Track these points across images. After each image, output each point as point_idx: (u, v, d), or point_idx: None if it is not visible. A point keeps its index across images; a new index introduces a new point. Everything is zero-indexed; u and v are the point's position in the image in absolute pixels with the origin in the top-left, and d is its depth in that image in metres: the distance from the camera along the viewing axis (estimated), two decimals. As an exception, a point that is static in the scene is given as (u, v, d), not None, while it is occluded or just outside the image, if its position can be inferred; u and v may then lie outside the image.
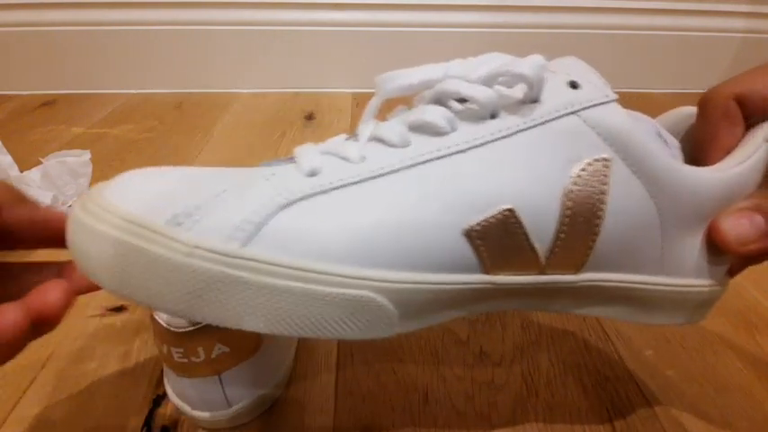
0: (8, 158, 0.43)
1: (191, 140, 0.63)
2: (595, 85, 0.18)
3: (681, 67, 0.89)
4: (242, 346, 0.24)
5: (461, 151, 0.17)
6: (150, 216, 0.13)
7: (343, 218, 0.15)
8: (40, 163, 0.44)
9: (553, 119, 0.17)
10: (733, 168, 0.19)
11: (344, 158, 0.17)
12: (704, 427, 0.27)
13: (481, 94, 0.17)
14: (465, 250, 0.17)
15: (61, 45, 0.77)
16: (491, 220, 0.17)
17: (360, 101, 0.79)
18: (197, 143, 0.62)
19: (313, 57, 0.81)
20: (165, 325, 0.22)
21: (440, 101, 0.18)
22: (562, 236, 0.17)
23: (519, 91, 0.18)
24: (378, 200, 0.16)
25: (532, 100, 0.18)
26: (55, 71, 0.79)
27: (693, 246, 0.20)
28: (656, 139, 0.20)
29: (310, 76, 0.82)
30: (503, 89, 0.18)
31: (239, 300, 0.14)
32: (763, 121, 0.20)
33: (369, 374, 0.30)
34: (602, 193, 0.17)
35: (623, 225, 0.18)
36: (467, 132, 0.17)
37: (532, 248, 0.18)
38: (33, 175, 0.44)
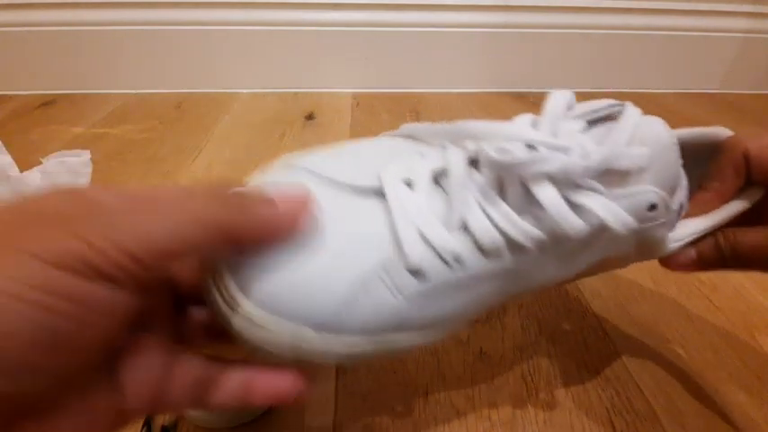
0: (8, 158, 0.43)
1: (191, 140, 0.63)
2: (669, 206, 0.21)
3: (681, 67, 0.89)
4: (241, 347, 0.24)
5: (538, 267, 0.21)
6: (301, 328, 0.18)
7: (444, 307, 0.20)
8: (40, 163, 0.44)
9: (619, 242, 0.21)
10: (694, 234, 0.24)
11: (444, 261, 0.19)
12: (704, 427, 0.27)
13: (576, 231, 0.19)
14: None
15: (61, 45, 0.77)
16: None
17: (360, 101, 0.80)
18: (197, 143, 0.62)
19: (313, 57, 0.81)
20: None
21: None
22: None
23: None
24: (466, 297, 0.20)
25: None
26: (55, 71, 0.79)
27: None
28: (671, 211, 0.22)
29: (310, 76, 0.82)
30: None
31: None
32: (762, 179, 0.24)
33: (369, 374, 0.30)
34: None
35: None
36: (546, 253, 0.20)
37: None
38: (33, 175, 0.43)
